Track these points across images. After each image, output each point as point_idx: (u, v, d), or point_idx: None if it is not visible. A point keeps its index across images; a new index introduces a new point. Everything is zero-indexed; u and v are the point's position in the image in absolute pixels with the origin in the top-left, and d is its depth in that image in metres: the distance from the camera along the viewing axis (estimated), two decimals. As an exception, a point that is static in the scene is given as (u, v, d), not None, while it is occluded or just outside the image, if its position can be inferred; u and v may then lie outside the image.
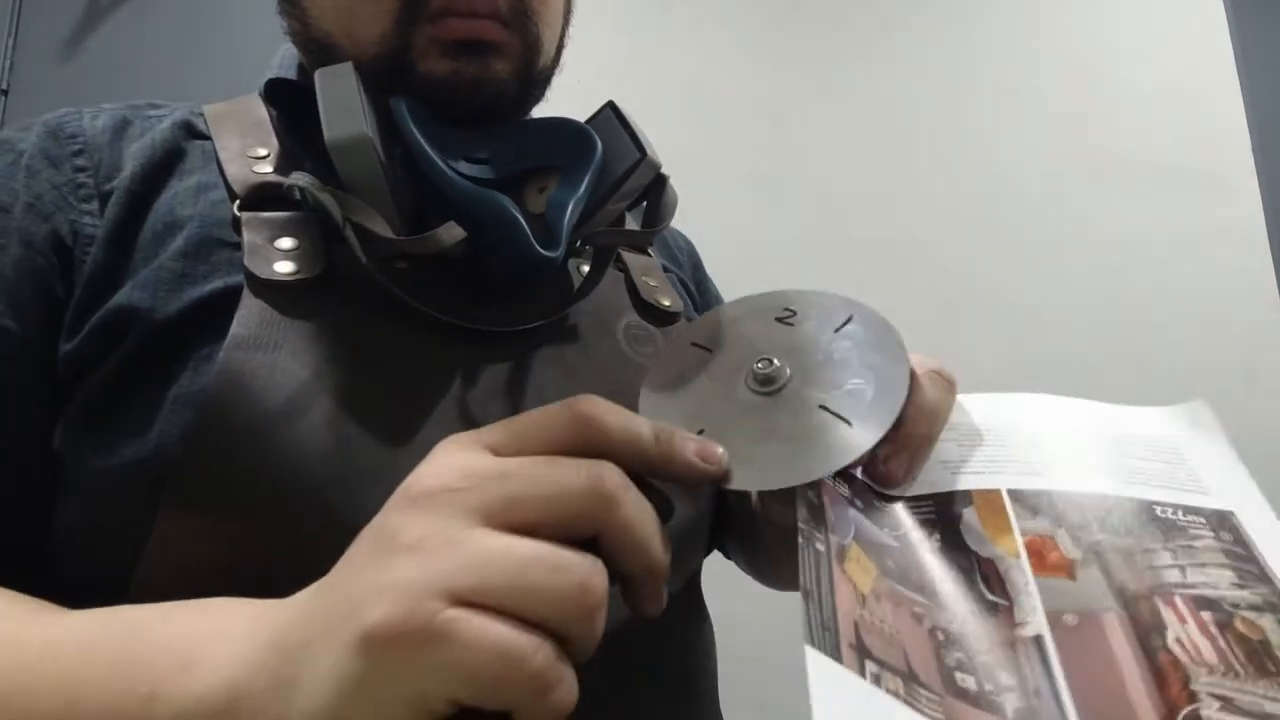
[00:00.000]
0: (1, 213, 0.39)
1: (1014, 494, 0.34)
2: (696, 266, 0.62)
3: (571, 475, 0.25)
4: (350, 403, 0.36)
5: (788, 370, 0.34)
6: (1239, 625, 0.28)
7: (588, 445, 0.27)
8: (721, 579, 0.61)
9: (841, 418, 0.32)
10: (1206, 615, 0.28)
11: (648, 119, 0.46)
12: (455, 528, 0.24)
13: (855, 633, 0.26)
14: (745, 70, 1.59)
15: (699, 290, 0.60)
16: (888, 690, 0.25)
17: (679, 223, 0.54)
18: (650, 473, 0.28)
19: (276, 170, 0.42)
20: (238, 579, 0.34)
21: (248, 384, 0.35)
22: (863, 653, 0.26)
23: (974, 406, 0.38)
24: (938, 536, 0.33)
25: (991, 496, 0.34)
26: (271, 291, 0.37)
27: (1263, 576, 0.30)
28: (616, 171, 0.44)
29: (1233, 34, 1.56)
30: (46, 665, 0.28)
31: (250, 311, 0.37)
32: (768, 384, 0.33)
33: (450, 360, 0.40)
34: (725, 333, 0.35)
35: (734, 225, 1.46)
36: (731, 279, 0.68)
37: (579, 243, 0.46)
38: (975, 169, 1.54)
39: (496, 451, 0.27)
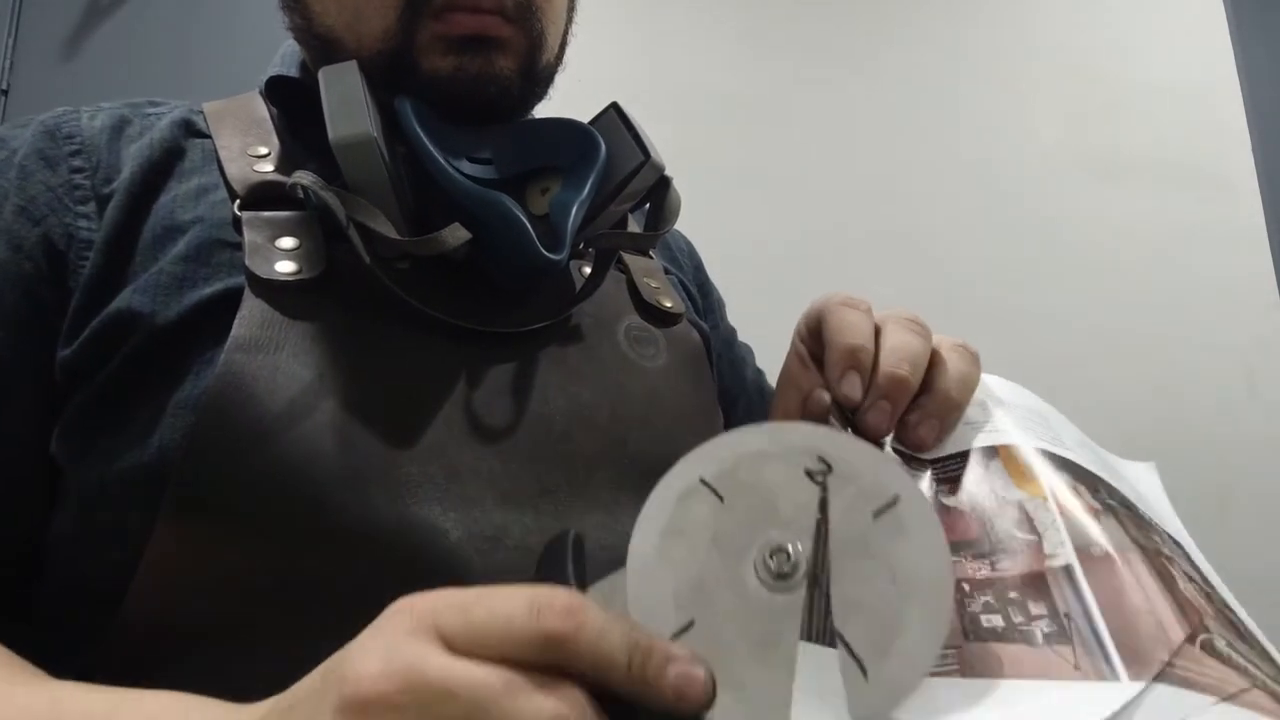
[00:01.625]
0: None
1: (1038, 452, 0.34)
2: (698, 268, 0.62)
3: (531, 712, 0.22)
4: (353, 405, 0.36)
5: (805, 564, 0.28)
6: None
7: (554, 663, 0.23)
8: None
9: (860, 665, 0.26)
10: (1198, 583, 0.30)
11: (647, 118, 0.46)
12: None
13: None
14: (745, 69, 1.59)
15: (700, 292, 0.60)
16: None
17: (679, 222, 0.54)
18: (620, 695, 0.25)
19: (277, 169, 0.42)
20: (238, 583, 0.34)
21: (249, 387, 0.34)
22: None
23: (988, 380, 0.40)
24: (964, 489, 0.33)
25: (1016, 452, 0.34)
26: (273, 291, 0.37)
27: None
28: (620, 173, 0.44)
29: (1233, 32, 1.56)
30: None
31: (251, 312, 0.36)
32: (780, 579, 0.27)
33: (453, 362, 0.40)
34: (741, 475, 0.29)
35: (734, 224, 1.46)
36: (731, 279, 0.68)
37: (582, 244, 0.45)
38: (975, 167, 1.54)
39: (450, 644, 0.23)
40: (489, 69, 0.42)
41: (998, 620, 0.27)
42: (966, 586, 0.29)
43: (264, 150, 0.43)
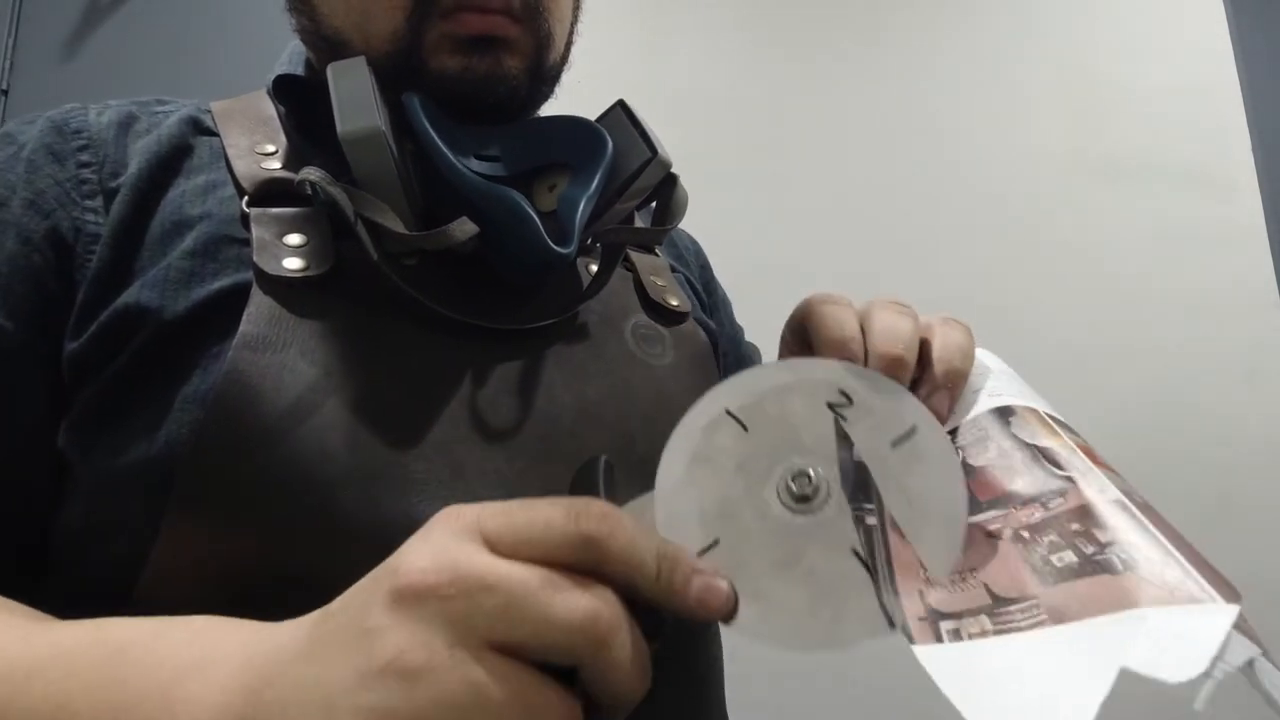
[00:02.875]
0: None
1: (1051, 416, 0.35)
2: (704, 266, 0.62)
3: (566, 608, 0.24)
4: (360, 402, 0.36)
5: (827, 486, 0.29)
6: None
7: (589, 566, 0.25)
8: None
9: (874, 577, 0.27)
10: None
11: (650, 118, 0.46)
12: (436, 645, 0.23)
13: (922, 601, 0.26)
14: (747, 69, 1.59)
15: (706, 290, 0.60)
16: (971, 636, 0.25)
17: (684, 221, 0.54)
18: (647, 602, 0.26)
19: (285, 167, 0.42)
20: (245, 581, 0.34)
21: (256, 384, 0.34)
22: (935, 618, 0.26)
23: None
24: (993, 445, 0.33)
25: (1031, 412, 0.35)
26: (280, 288, 0.37)
27: None
28: (627, 170, 0.44)
29: (1233, 33, 1.56)
30: (32, 684, 0.28)
31: (259, 309, 0.36)
32: (802, 502, 0.29)
33: (460, 359, 0.40)
34: (767, 407, 0.30)
35: (735, 224, 1.46)
36: (732, 278, 0.68)
37: (589, 241, 0.45)
38: (975, 167, 1.54)
39: (493, 545, 0.25)
40: (497, 68, 0.42)
41: (1070, 556, 0.26)
42: (1026, 534, 0.28)
43: (271, 148, 0.43)
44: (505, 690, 0.23)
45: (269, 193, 0.40)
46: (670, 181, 0.45)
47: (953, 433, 0.35)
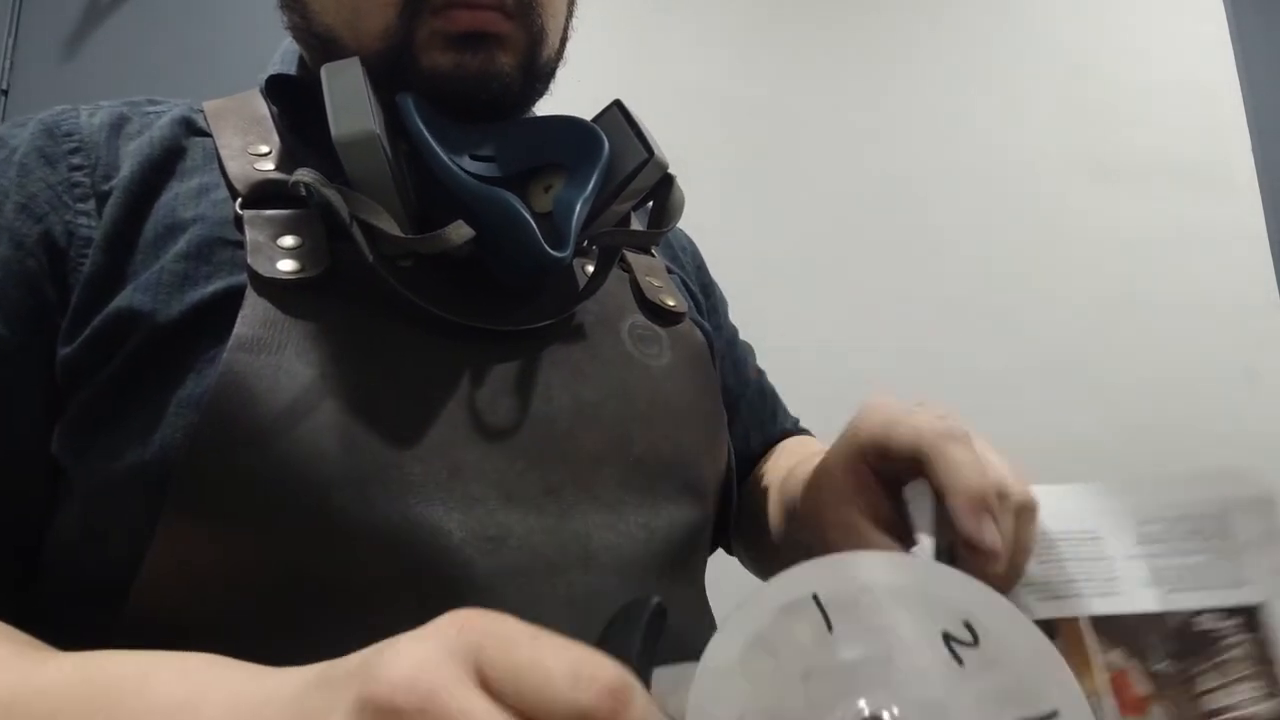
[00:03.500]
0: None
1: (1094, 621, 0.31)
2: (700, 267, 0.62)
3: None
4: (356, 404, 0.36)
5: None
6: None
7: None
8: (724, 580, 0.61)
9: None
10: None
11: (647, 118, 0.46)
12: None
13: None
14: (746, 69, 1.59)
15: (703, 291, 0.60)
16: None
17: (681, 221, 0.54)
18: None
19: (278, 168, 0.42)
20: (241, 583, 0.34)
21: (251, 386, 0.34)
22: None
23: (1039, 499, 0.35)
24: None
25: (1073, 626, 0.31)
26: (275, 290, 0.37)
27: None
28: (623, 171, 0.44)
29: (1233, 31, 1.56)
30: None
31: (254, 311, 0.36)
32: None
33: (456, 360, 0.40)
34: (864, 609, 0.24)
35: (734, 225, 1.46)
36: (731, 278, 0.68)
37: (585, 242, 0.45)
38: (975, 167, 1.53)
39: (484, 680, 0.22)
40: (490, 65, 0.42)
41: None
42: None
43: (265, 149, 0.43)
44: None
45: (262, 194, 0.40)
46: (667, 182, 0.45)
47: None
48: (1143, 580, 0.32)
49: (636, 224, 0.52)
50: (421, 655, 0.22)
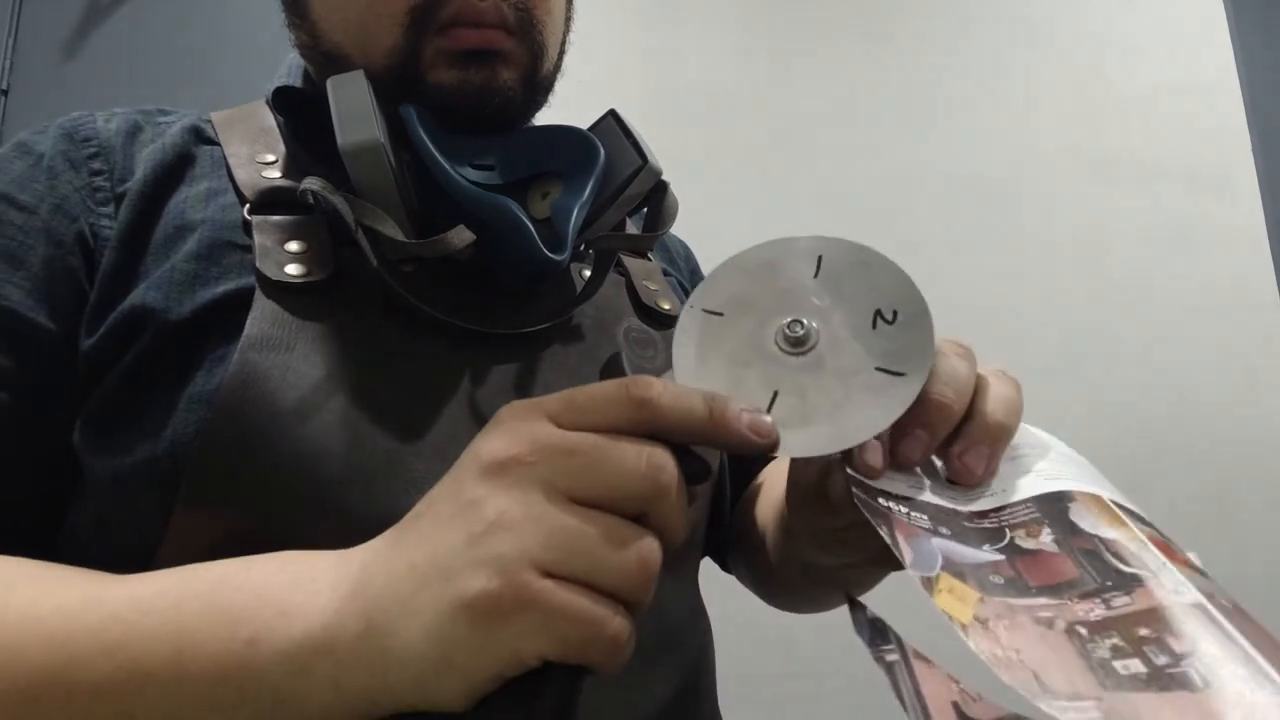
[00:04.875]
0: (28, 214, 0.39)
1: (1117, 504, 0.31)
2: (694, 270, 0.63)
3: (635, 463, 0.27)
4: (361, 402, 0.37)
5: (816, 332, 0.34)
6: None
7: (644, 427, 0.28)
8: (722, 579, 0.61)
9: (892, 371, 0.32)
10: None
11: (646, 120, 0.47)
12: (532, 501, 0.27)
13: (956, 713, 0.24)
14: (742, 72, 1.59)
15: None
16: None
17: (680, 223, 0.55)
18: (700, 443, 0.29)
19: (284, 176, 0.43)
20: None
21: (261, 383, 0.35)
22: None
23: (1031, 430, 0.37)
24: (1049, 531, 0.30)
25: (1093, 499, 0.31)
26: (283, 293, 0.38)
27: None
28: (618, 177, 0.44)
29: (1233, 32, 1.56)
30: (141, 618, 0.29)
31: (263, 312, 0.37)
32: (798, 345, 0.34)
33: (458, 362, 0.41)
34: (756, 283, 0.35)
35: (734, 224, 1.46)
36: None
37: (582, 247, 0.46)
38: (975, 167, 1.54)
39: (556, 422, 0.28)
40: (493, 81, 0.43)
41: (1137, 665, 0.24)
42: (1084, 630, 0.25)
43: (271, 157, 0.44)
44: (598, 529, 0.26)
45: (269, 200, 0.41)
46: (661, 188, 0.46)
47: (999, 510, 0.32)
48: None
49: (632, 229, 0.53)
50: (504, 427, 0.29)
